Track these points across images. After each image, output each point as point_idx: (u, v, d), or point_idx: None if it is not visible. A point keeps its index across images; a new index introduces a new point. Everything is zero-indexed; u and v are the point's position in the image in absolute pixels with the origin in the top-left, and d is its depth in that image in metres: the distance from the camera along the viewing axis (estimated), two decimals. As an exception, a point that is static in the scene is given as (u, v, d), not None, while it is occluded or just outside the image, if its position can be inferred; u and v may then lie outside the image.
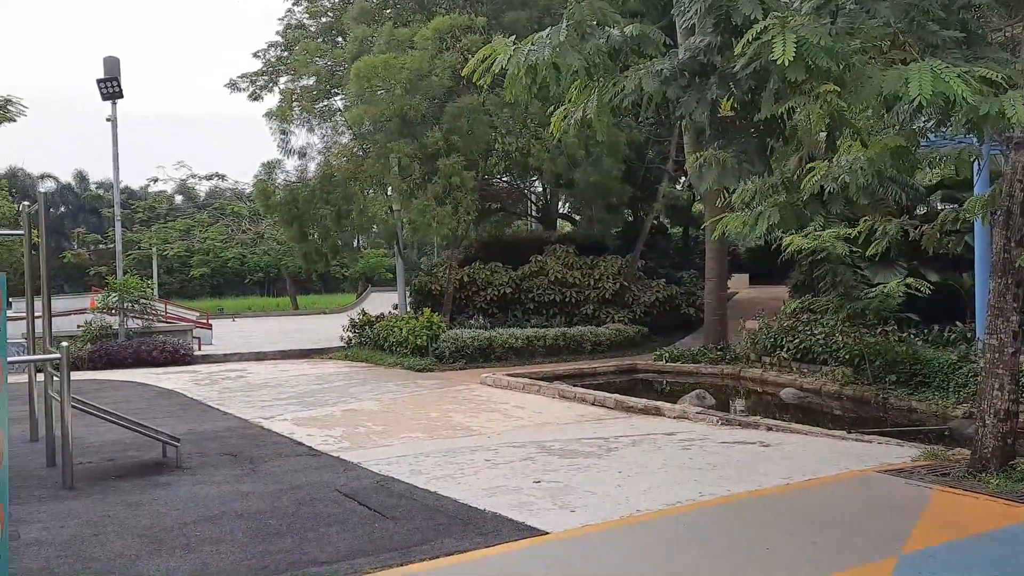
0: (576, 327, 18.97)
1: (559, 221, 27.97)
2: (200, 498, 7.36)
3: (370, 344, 19.52)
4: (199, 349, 21.88)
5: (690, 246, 26.52)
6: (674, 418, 10.72)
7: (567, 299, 20.12)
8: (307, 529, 6.33)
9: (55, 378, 8.89)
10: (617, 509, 6.61)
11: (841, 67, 5.29)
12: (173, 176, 63.42)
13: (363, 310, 21.31)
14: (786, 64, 4.98)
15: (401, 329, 17.95)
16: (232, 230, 54.24)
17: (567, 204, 26.55)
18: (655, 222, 23.50)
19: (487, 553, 5.64)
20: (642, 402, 11.43)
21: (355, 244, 23.48)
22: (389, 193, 19.16)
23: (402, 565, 5.43)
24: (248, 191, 53.26)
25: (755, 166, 7.39)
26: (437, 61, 17.09)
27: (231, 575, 5.37)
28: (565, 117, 7.18)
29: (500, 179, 23.64)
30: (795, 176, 8.44)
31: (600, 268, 20.40)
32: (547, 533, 6.03)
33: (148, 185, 64.15)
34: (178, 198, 70.12)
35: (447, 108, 17.20)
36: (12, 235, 12.11)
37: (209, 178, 48.26)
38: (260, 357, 20.71)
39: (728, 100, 6.53)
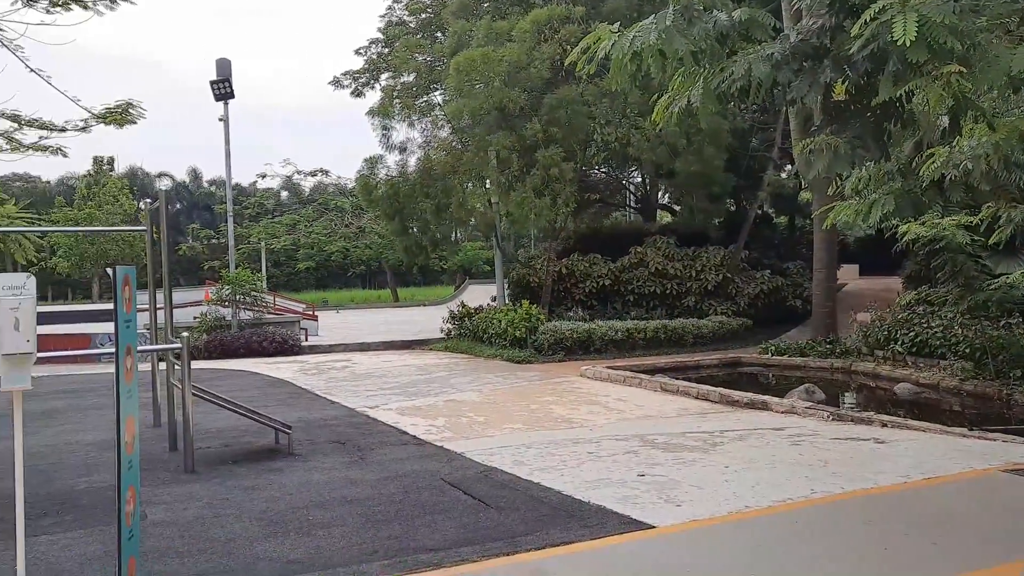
0: (677, 319, 18.68)
1: (658, 212, 27.60)
2: (312, 484, 7.58)
3: (469, 336, 19.73)
4: (306, 340, 22.57)
5: (796, 236, 25.75)
6: (782, 413, 10.42)
7: (668, 291, 19.84)
8: (414, 516, 6.43)
9: (176, 367, 9.33)
10: (725, 504, 6.47)
11: (966, 47, 5.01)
12: (279, 173, 65.69)
13: (462, 302, 21.55)
14: (907, 44, 4.74)
15: (500, 321, 18.07)
16: (335, 224, 55.79)
17: (667, 194, 26.15)
18: (759, 211, 22.89)
19: (593, 545, 5.61)
20: (748, 396, 11.16)
21: (453, 237, 23.73)
22: (488, 186, 19.28)
23: (509, 555, 5.45)
24: (350, 186, 54.72)
25: (871, 152, 7.09)
26: (535, 53, 17.08)
27: (343, 559, 5.51)
28: (669, 106, 7.05)
29: (598, 170, 23.48)
30: (911, 162, 8.06)
31: (702, 259, 20.02)
32: (653, 527, 5.95)
33: (256, 182, 66.68)
34: (284, 194, 72.61)
35: (545, 99, 17.18)
36: (135, 231, 12.68)
37: (313, 174, 49.81)
38: (364, 348, 21.22)
39: (842, 84, 6.29)
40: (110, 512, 6.82)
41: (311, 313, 27.90)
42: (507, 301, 20.62)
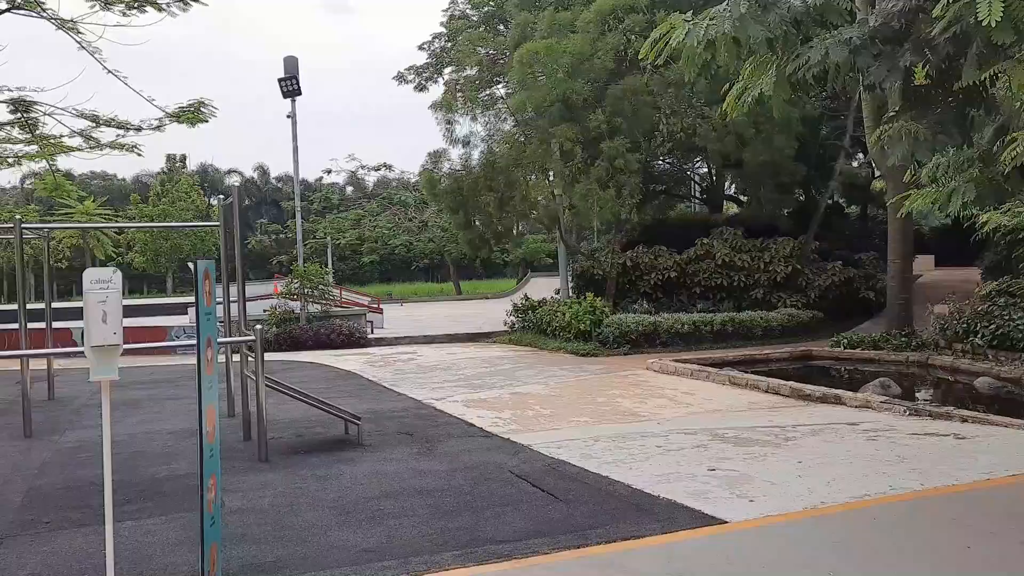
0: (745, 312, 18.37)
1: (724, 203, 27.16)
2: (381, 474, 7.69)
3: (533, 329, 19.73)
4: (372, 332, 22.87)
5: (868, 226, 25.04)
6: (856, 407, 10.16)
7: (735, 283, 19.52)
8: (483, 508, 6.47)
9: (250, 359, 9.56)
10: (799, 500, 6.35)
11: (1054, 28, 4.80)
12: (344, 168, 66.63)
13: (525, 295, 21.55)
14: (992, 25, 4.57)
15: (564, 314, 18.02)
16: (399, 218, 56.40)
17: (734, 185, 25.72)
18: (830, 201, 22.34)
19: (664, 540, 5.56)
20: (820, 390, 10.91)
21: (516, 230, 23.75)
22: (551, 178, 19.24)
23: (579, 548, 5.44)
24: (413, 180, 55.31)
25: (952, 138, 6.86)
26: (599, 44, 16.96)
27: (414, 549, 5.56)
28: (741, 95, 6.92)
29: (663, 161, 23.19)
30: (993, 148, 7.78)
31: (770, 251, 19.63)
32: (726, 522, 5.87)
33: (322, 177, 67.80)
34: (348, 189, 73.71)
35: (609, 90, 17.04)
36: (208, 226, 13.02)
37: (377, 169, 50.47)
38: (429, 340, 21.41)
39: (922, 68, 6.08)
40: (190, 499, 7.03)
41: (376, 306, 28.27)
42: (571, 294, 20.55)
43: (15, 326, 12.97)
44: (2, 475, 7.74)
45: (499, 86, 23.01)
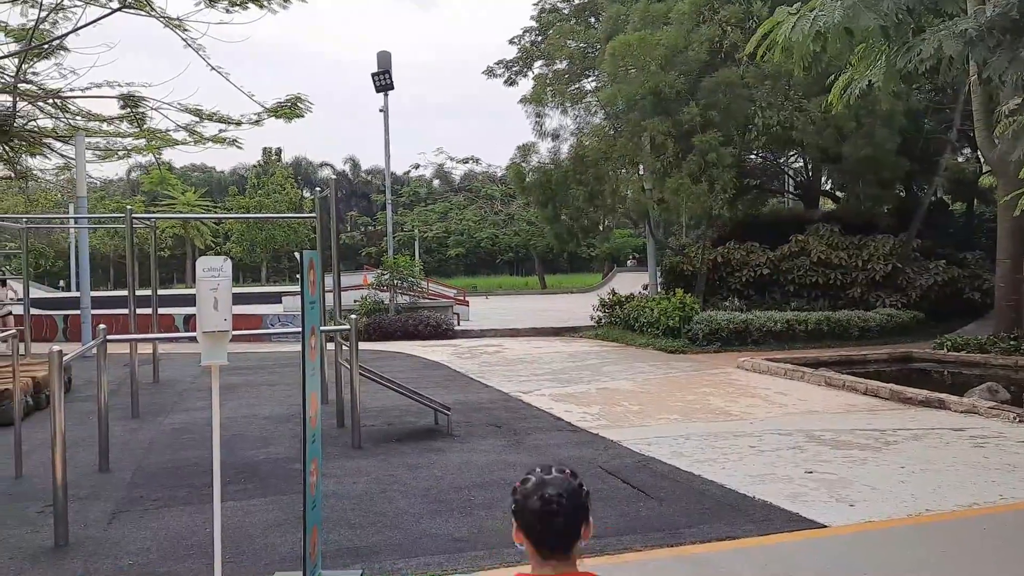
0: (841, 311, 17.77)
1: (820, 199, 26.32)
2: (471, 465, 7.75)
3: (620, 324, 19.57)
4: (458, 324, 23.08)
5: (975, 224, 23.90)
6: (961, 413, 9.71)
7: (831, 281, 18.91)
8: (574, 502, 6.43)
9: (344, 347, 9.77)
10: (902, 507, 6.11)
11: None
12: (432, 161, 67.32)
13: (613, 290, 21.40)
14: None
15: (652, 310, 17.81)
16: (485, 212, 56.74)
17: (830, 180, 24.90)
18: (933, 198, 21.39)
19: (761, 542, 5.43)
20: (922, 393, 10.47)
21: (604, 224, 23.57)
22: (641, 172, 19.02)
23: (673, 546, 5.37)
24: (500, 174, 55.54)
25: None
26: (693, 35, 16.66)
27: (505, 540, 5.58)
28: (847, 86, 6.69)
29: (756, 155, 22.65)
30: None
31: (869, 248, 18.93)
32: (825, 527, 5.70)
33: (410, 171, 68.75)
34: (435, 182, 74.54)
35: (703, 83, 16.72)
36: (305, 217, 13.36)
37: (464, 161, 50.76)
38: (514, 333, 21.49)
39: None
40: (287, 482, 7.24)
41: (462, 298, 28.52)
42: (659, 290, 20.30)
43: (124, 311, 13.61)
44: (113, 454, 8.10)
45: (589, 80, 22.88)
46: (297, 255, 5.21)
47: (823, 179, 24.81)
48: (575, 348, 17.94)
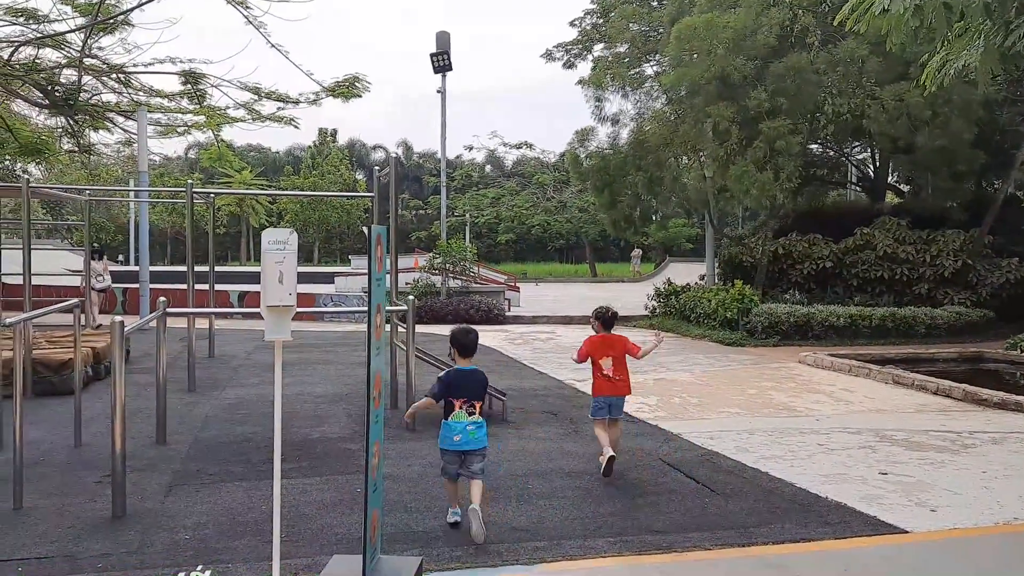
0: (907, 307, 17.14)
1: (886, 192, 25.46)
2: (528, 452, 7.56)
3: (675, 314, 19.20)
4: (509, 310, 22.91)
5: (1050, 222, 22.87)
6: (1042, 417, 9.24)
7: (897, 276, 18.27)
8: (635, 495, 6.22)
9: (400, 328, 9.64)
10: (988, 515, 5.76)
11: None
12: (485, 145, 67.14)
13: (669, 279, 20.99)
14: None
15: (710, 301, 17.41)
16: (537, 198, 56.43)
17: (895, 173, 24.08)
18: (1007, 193, 20.51)
19: (838, 545, 5.14)
20: (998, 395, 9.98)
21: (660, 213, 23.11)
22: (702, 159, 18.56)
23: (743, 546, 5.11)
24: (552, 160, 55.14)
25: None
26: (763, 19, 16.14)
27: (567, 532, 5.38)
28: (941, 67, 6.29)
29: (821, 145, 21.97)
30: None
31: (938, 243, 18.23)
32: (906, 532, 5.38)
33: (462, 154, 68.63)
34: (487, 167, 74.42)
35: (771, 68, 16.18)
36: (363, 196, 13.29)
37: (518, 146, 50.34)
38: (566, 321, 21.24)
39: None
40: (342, 462, 7.14)
41: (513, 284, 28.35)
42: (716, 280, 19.86)
43: (182, 286, 13.72)
44: (170, 426, 8.10)
45: (649, 64, 22.39)
46: (365, 229, 5.09)
47: (890, 171, 24.01)
48: (630, 337, 17.59)
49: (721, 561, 4.89)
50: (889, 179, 25.45)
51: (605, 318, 7.50)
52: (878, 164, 22.80)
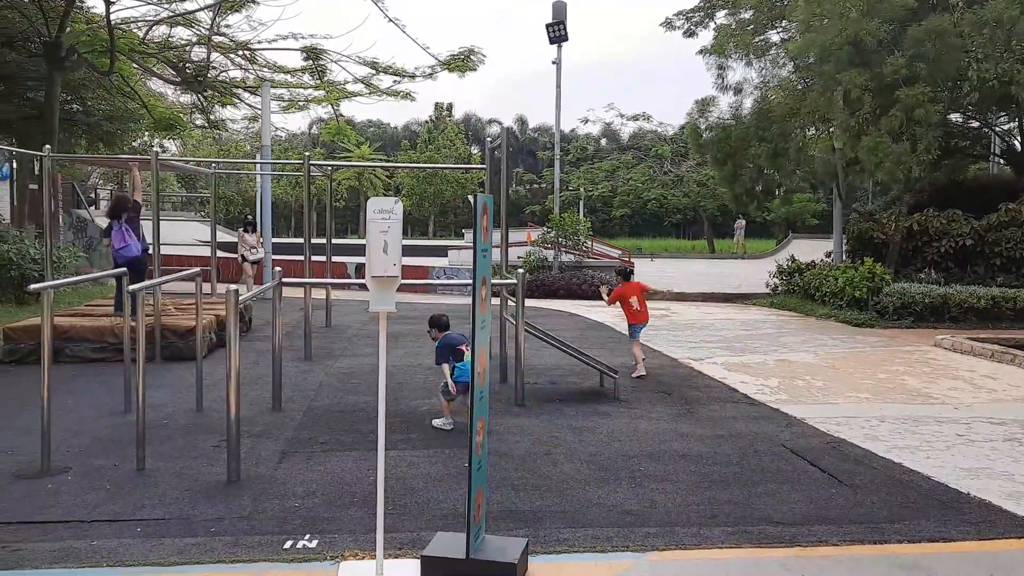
0: (1058, 290, 15.78)
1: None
2: (640, 433, 7.30)
3: (799, 293, 18.36)
4: (623, 285, 22.43)
5: None
6: None
7: (1045, 255, 16.82)
8: (755, 483, 5.88)
9: (510, 302, 9.51)
10: None
11: None
12: (600, 118, 66.25)
13: (792, 256, 20.08)
14: None
15: (837, 279, 16.52)
16: (654, 172, 55.32)
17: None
18: None
19: (985, 547, 4.68)
20: None
21: (786, 185, 22.03)
22: (831, 129, 17.54)
23: (877, 544, 4.71)
24: (670, 133, 53.83)
25: None
26: (901, -22, 15.01)
27: (680, 518, 5.12)
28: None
29: (963, 114, 20.41)
30: None
31: (1093, 220, 16.66)
32: (1063, 538, 4.85)
33: (576, 127, 67.99)
34: (602, 141, 73.50)
35: (910, 31, 15.05)
36: (476, 168, 13.23)
37: (635, 119, 49.24)
38: (681, 298, 20.68)
39: None
40: (449, 436, 7.07)
41: (628, 259, 27.85)
42: (844, 258, 18.84)
43: (300, 258, 14.04)
44: (285, 393, 8.25)
45: (775, 31, 21.32)
46: (471, 198, 4.98)
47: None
48: (748, 316, 16.99)
49: (849, 558, 4.52)
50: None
51: (625, 272, 10.67)
52: (1026, 134, 21.01)
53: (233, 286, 5.88)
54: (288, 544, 4.59)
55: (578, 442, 6.95)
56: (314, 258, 12.60)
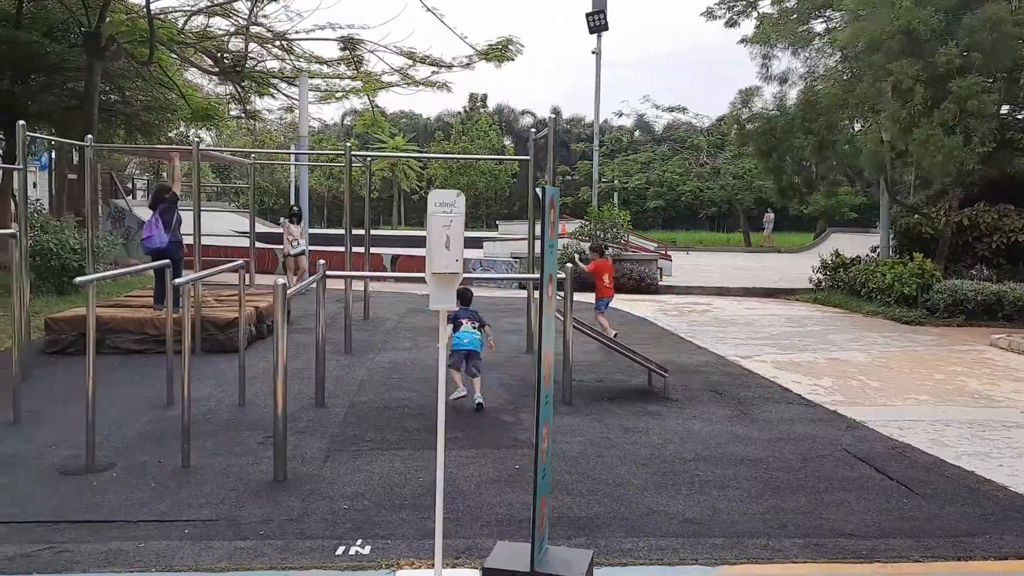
0: (1117, 287, 15.22)
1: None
2: (694, 434, 7.05)
3: (843, 288, 17.93)
4: (661, 279, 22.11)
5: None
6: None
7: (1104, 252, 16.26)
8: (820, 491, 5.61)
9: (557, 297, 9.27)
10: None
11: None
12: (634, 110, 65.55)
13: (836, 251, 19.61)
14: None
15: (884, 275, 16.09)
16: (690, 164, 54.61)
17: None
18: None
19: (1078, 569, 4.38)
20: None
21: (831, 178, 21.43)
22: (880, 121, 17.03)
23: (960, 560, 4.44)
24: (706, 125, 53.04)
25: None
26: (956, -35, 14.49)
27: (747, 528, 4.88)
28: None
29: (1016, 106, 19.77)
30: None
31: None
32: None
33: (609, 119, 67.30)
34: (636, 132, 72.78)
35: (964, 20, 14.54)
36: (519, 159, 13.04)
37: (670, 110, 48.43)
38: (722, 292, 20.31)
39: None
40: (498, 435, 6.89)
41: (664, 252, 27.45)
42: (891, 253, 18.36)
43: (339, 249, 13.92)
44: (328, 389, 8.10)
45: (818, 21, 20.79)
46: (538, 191, 4.78)
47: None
48: (792, 312, 16.60)
49: (934, 577, 4.25)
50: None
51: (600, 249, 12.33)
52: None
53: (281, 279, 5.72)
54: (340, 550, 4.42)
55: (631, 443, 6.72)
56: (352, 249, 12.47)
